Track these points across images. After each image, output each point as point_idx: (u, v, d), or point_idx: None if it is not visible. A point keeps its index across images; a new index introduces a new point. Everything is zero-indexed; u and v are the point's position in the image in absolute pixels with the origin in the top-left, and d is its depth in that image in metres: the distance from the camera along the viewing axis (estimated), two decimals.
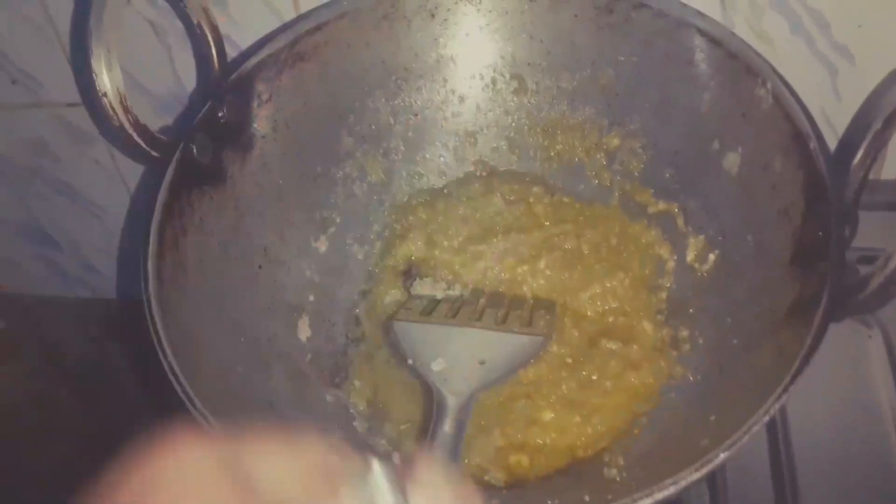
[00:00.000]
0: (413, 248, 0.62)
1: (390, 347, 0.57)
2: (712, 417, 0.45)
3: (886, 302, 0.38)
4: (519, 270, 0.59)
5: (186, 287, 0.49)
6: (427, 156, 0.67)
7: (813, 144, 0.47)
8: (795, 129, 0.49)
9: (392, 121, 0.66)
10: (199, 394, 0.41)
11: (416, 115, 0.67)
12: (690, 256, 0.57)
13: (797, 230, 0.47)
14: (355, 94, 0.64)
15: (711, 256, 0.55)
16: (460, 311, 0.56)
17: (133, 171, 0.88)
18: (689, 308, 0.55)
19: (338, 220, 0.64)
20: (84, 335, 1.18)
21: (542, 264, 0.59)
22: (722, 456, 0.36)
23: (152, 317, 0.43)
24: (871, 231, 0.45)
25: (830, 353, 0.57)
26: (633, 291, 0.56)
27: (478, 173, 0.67)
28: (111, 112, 0.47)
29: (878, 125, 0.42)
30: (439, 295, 0.59)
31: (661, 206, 0.60)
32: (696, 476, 0.35)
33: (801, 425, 0.55)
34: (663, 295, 0.57)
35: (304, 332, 0.58)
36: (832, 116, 0.67)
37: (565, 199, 0.64)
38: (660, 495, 0.35)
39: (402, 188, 0.67)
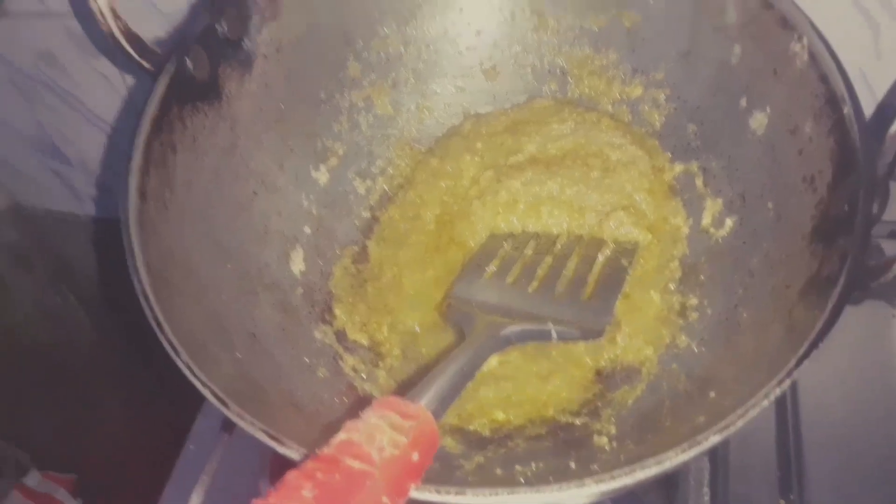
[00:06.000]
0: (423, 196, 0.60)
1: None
2: (712, 394, 0.42)
3: None
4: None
5: (171, 206, 0.47)
6: (438, 90, 0.64)
7: (847, 109, 0.43)
8: (830, 92, 0.45)
9: (403, 50, 0.63)
10: (173, 319, 0.39)
11: (428, 45, 0.63)
12: (706, 220, 0.54)
13: (822, 201, 0.44)
14: (365, 18, 0.61)
15: (728, 222, 0.52)
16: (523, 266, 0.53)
17: (142, 87, 0.86)
18: (700, 275, 0.52)
19: (340, 152, 0.61)
20: (96, 255, 1.18)
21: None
22: (713, 439, 0.33)
23: (129, 234, 0.41)
24: None
25: (849, 332, 0.55)
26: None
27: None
28: (100, 17, 0.45)
29: None
30: None
31: (679, 167, 0.57)
32: (683, 457, 0.33)
33: (813, 405, 0.52)
34: (675, 264, 0.54)
35: (297, 264, 0.56)
36: (870, 76, 0.63)
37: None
38: (641, 474, 0.33)
39: (410, 123, 0.64)
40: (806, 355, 0.34)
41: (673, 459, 0.32)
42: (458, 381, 0.38)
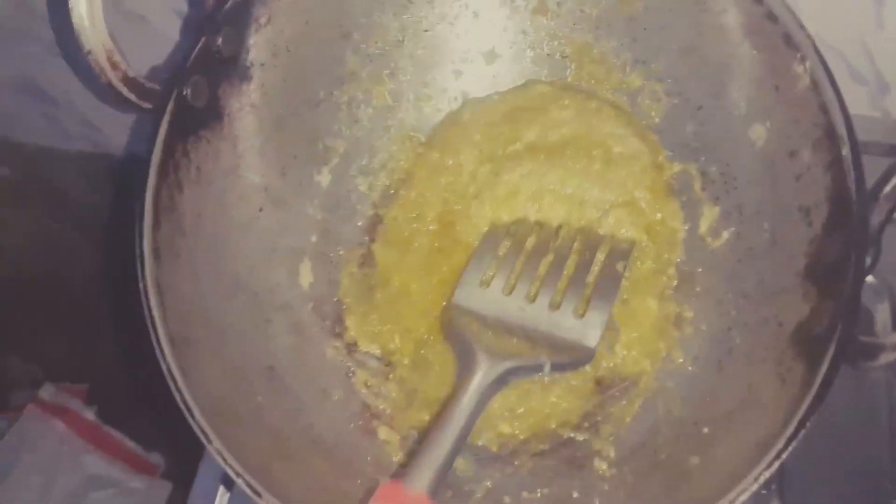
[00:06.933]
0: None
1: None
2: (706, 430, 0.45)
3: None
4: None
5: (183, 252, 0.48)
6: (437, 77, 0.63)
7: (845, 151, 0.44)
8: (829, 125, 0.45)
9: (401, 37, 0.61)
10: (198, 390, 0.41)
11: (426, 31, 0.62)
12: (703, 227, 0.55)
13: (816, 240, 0.45)
14: (361, 9, 0.59)
15: (725, 233, 0.53)
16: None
17: None
18: (696, 286, 0.54)
19: (341, 150, 0.61)
20: (88, 185, 1.18)
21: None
22: None
23: (150, 308, 0.43)
24: None
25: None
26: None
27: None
28: (98, 71, 0.44)
29: None
30: None
31: (677, 167, 0.57)
32: None
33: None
34: (672, 270, 0.55)
35: (306, 277, 0.57)
36: (873, 48, 0.63)
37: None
38: None
39: (410, 113, 0.63)
40: (795, 436, 0.37)
41: None
42: (455, 446, 0.41)
